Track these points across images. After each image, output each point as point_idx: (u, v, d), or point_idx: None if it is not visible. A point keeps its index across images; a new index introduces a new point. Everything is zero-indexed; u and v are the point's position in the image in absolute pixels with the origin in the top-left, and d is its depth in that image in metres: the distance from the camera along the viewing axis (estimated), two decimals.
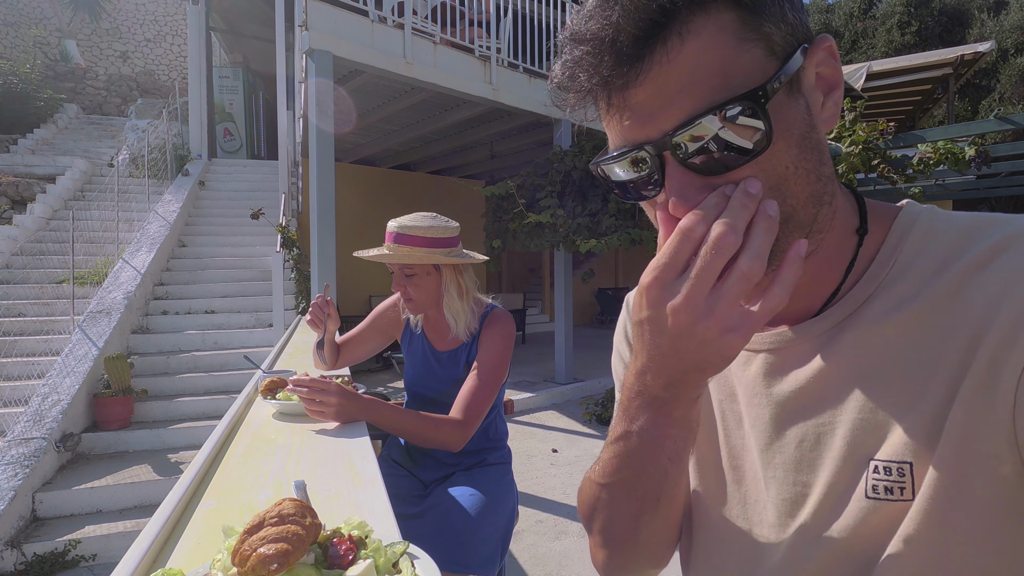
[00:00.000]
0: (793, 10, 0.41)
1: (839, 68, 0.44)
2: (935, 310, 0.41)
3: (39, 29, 14.45)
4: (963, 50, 8.22)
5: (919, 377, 0.41)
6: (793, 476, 0.47)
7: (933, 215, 0.46)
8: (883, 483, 0.41)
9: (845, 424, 0.44)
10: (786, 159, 0.41)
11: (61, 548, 2.90)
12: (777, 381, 0.49)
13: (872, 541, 0.42)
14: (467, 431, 1.32)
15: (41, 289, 5.61)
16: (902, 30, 16.44)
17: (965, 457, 0.38)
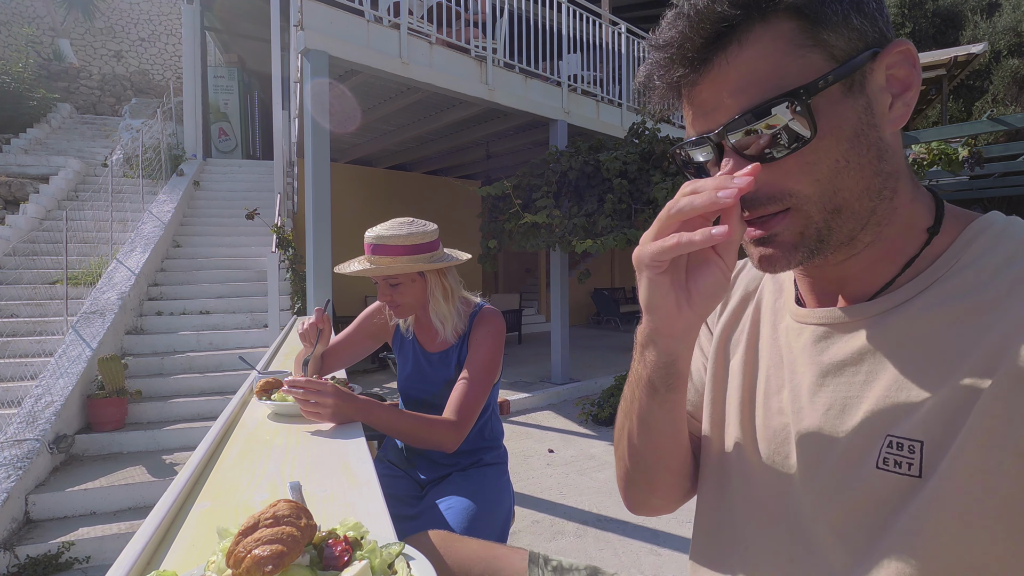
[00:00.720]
0: (861, 16, 0.44)
1: (915, 71, 0.46)
2: (981, 308, 0.43)
3: (32, 28, 14.36)
4: (956, 51, 8.28)
5: (948, 365, 0.43)
6: (817, 439, 0.50)
7: (1009, 222, 0.47)
8: (893, 457, 0.44)
9: (870, 399, 0.47)
10: (836, 153, 0.44)
11: (54, 550, 2.88)
12: (821, 352, 0.52)
13: (880, 511, 0.45)
14: (461, 432, 1.31)
15: (34, 290, 5.58)
16: (897, 31, 16.51)
17: (989, 452, 0.40)
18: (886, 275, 0.49)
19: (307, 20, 4.23)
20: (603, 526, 2.88)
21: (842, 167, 0.45)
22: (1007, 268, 0.43)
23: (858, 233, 0.48)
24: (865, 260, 0.50)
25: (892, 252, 0.49)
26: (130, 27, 16.18)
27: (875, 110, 0.45)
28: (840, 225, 0.46)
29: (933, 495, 0.42)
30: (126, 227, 6.71)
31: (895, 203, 0.48)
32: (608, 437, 4.48)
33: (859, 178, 0.45)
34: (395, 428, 1.28)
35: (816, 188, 0.45)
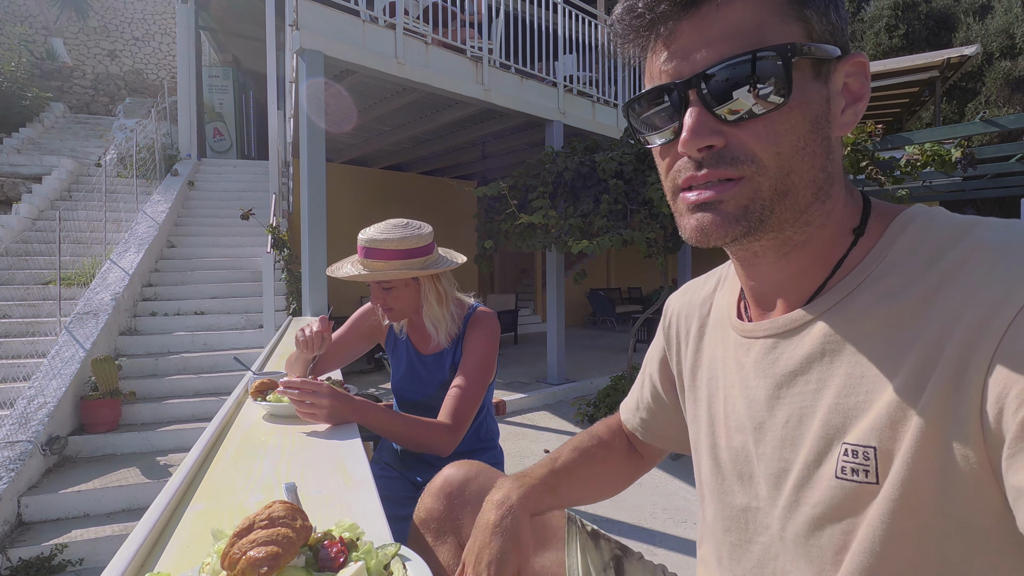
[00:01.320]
0: (837, 16, 0.46)
1: (867, 84, 0.47)
2: (915, 307, 0.43)
3: (24, 27, 14.26)
4: (949, 53, 8.34)
5: (890, 367, 0.43)
6: (779, 453, 0.51)
7: (932, 216, 0.47)
8: (851, 465, 0.44)
9: (824, 407, 0.47)
10: (800, 130, 0.44)
11: (47, 553, 2.86)
12: (771, 365, 0.52)
13: (846, 521, 0.45)
14: (456, 436, 1.31)
15: (27, 290, 5.54)
16: (890, 33, 16.62)
17: (936, 451, 0.40)
18: (818, 278, 0.50)
19: (303, 20, 4.22)
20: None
21: (801, 148, 0.45)
22: (934, 264, 0.43)
23: (787, 227, 0.47)
24: (797, 263, 0.50)
25: (824, 256, 0.50)
26: (124, 26, 16.10)
27: (831, 107, 0.46)
28: (782, 210, 0.46)
29: (890, 501, 0.42)
30: (120, 227, 6.67)
31: (828, 207, 0.48)
32: None
33: (810, 167, 0.45)
34: (390, 430, 1.27)
35: (776, 162, 0.44)
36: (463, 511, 0.85)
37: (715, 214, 0.46)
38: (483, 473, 0.89)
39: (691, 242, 0.49)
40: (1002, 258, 0.40)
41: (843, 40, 0.46)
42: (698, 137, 0.45)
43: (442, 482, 0.88)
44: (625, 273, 12.71)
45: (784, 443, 0.50)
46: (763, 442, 0.52)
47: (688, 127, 0.45)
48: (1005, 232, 0.42)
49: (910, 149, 4.58)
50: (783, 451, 0.50)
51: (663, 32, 0.46)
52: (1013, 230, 0.42)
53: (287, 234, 6.70)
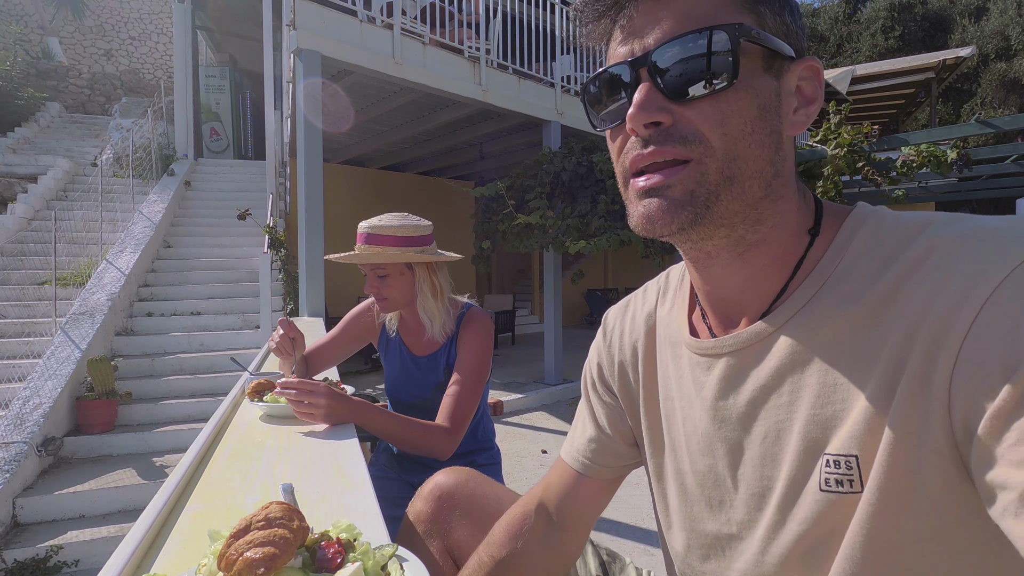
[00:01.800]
0: (792, 18, 0.47)
1: (820, 90, 0.47)
2: (876, 309, 0.43)
3: (20, 26, 14.20)
4: (945, 55, 8.37)
5: (861, 373, 0.43)
6: (760, 471, 0.49)
7: (881, 216, 0.47)
8: (834, 476, 0.44)
9: (800, 419, 0.46)
10: (747, 114, 0.44)
11: (43, 554, 2.85)
12: (739, 382, 0.51)
13: (831, 533, 0.44)
14: (455, 439, 1.31)
15: (22, 290, 5.51)
16: (886, 35, 16.69)
17: (910, 453, 0.39)
18: (778, 281, 0.49)
19: (300, 20, 4.21)
20: (597, 526, 2.88)
21: (748, 132, 0.44)
22: (890, 265, 0.43)
23: (738, 223, 0.46)
24: (753, 264, 0.50)
25: (781, 257, 0.49)
26: (120, 25, 16.05)
27: (782, 103, 0.46)
28: (728, 198, 0.45)
29: (870, 506, 0.41)
30: (116, 227, 6.65)
31: (780, 206, 0.48)
32: None
33: (758, 155, 0.45)
34: (388, 431, 1.27)
35: (723, 143, 0.44)
36: (451, 515, 0.85)
37: (662, 199, 0.45)
38: (473, 479, 0.90)
39: (638, 231, 0.48)
40: (957, 256, 0.40)
41: (798, 43, 0.47)
42: (645, 112, 0.44)
43: (432, 487, 0.89)
44: (623, 273, 12.72)
45: (764, 461, 0.49)
46: (741, 462, 0.51)
47: (636, 102, 0.45)
48: (957, 228, 0.42)
49: (906, 150, 4.60)
50: (764, 469, 0.49)
51: (621, 17, 0.47)
52: (964, 226, 0.42)
53: (284, 234, 6.68)
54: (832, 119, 4.81)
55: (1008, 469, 0.33)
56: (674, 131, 0.45)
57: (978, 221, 0.42)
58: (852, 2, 18.72)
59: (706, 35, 0.43)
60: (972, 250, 0.39)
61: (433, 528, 0.85)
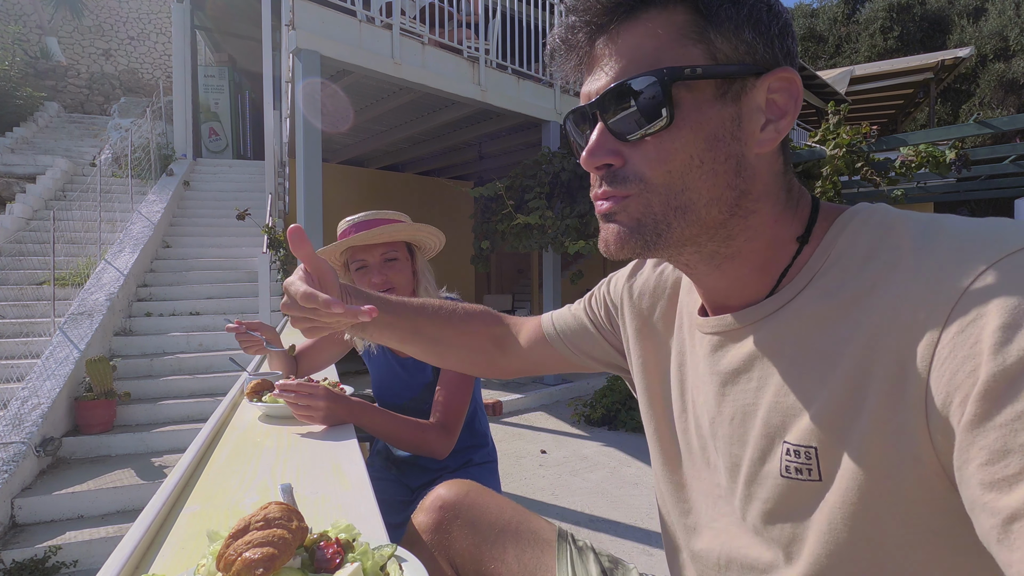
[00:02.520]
0: (755, 33, 0.46)
1: (793, 101, 0.47)
2: (851, 305, 0.43)
3: (18, 26, 14.18)
4: (944, 55, 8.39)
5: (824, 367, 0.44)
6: (729, 448, 0.52)
7: (869, 214, 0.48)
8: (794, 464, 0.45)
9: (764, 405, 0.48)
10: (691, 149, 0.46)
11: (41, 555, 2.84)
12: (718, 361, 0.53)
13: (794, 515, 0.46)
14: (451, 438, 1.31)
15: (21, 291, 5.51)
16: (885, 35, 16.71)
17: (884, 458, 0.40)
18: (764, 286, 0.51)
19: (299, 20, 4.21)
20: (596, 527, 2.88)
21: (695, 166, 0.46)
22: (869, 262, 0.44)
23: (704, 241, 0.49)
24: (733, 273, 0.51)
25: (762, 266, 0.50)
26: (119, 25, 16.04)
27: (743, 125, 0.46)
28: (682, 226, 0.47)
29: (837, 498, 0.42)
30: (115, 227, 6.64)
31: (751, 222, 0.49)
32: (601, 438, 4.49)
33: (711, 184, 0.46)
34: (386, 432, 1.27)
35: (666, 180, 0.46)
36: (453, 526, 0.86)
37: (615, 225, 0.49)
38: (474, 490, 0.90)
39: (603, 254, 0.51)
40: (928, 263, 0.40)
41: (768, 57, 0.46)
42: (594, 157, 0.48)
43: (434, 498, 0.89)
44: None
45: (732, 439, 0.51)
46: (717, 436, 0.54)
47: (588, 148, 0.49)
48: (932, 233, 0.42)
49: (905, 150, 4.61)
50: (732, 447, 0.51)
51: (584, 58, 0.50)
52: (940, 230, 0.41)
53: (283, 234, 6.67)
54: (831, 119, 4.82)
55: (983, 491, 0.32)
56: (620, 172, 0.48)
57: (954, 226, 0.41)
58: (851, 2, 18.75)
59: (639, 82, 0.45)
60: (943, 256, 0.39)
61: (435, 539, 0.86)
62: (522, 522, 0.86)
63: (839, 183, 4.79)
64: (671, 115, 0.45)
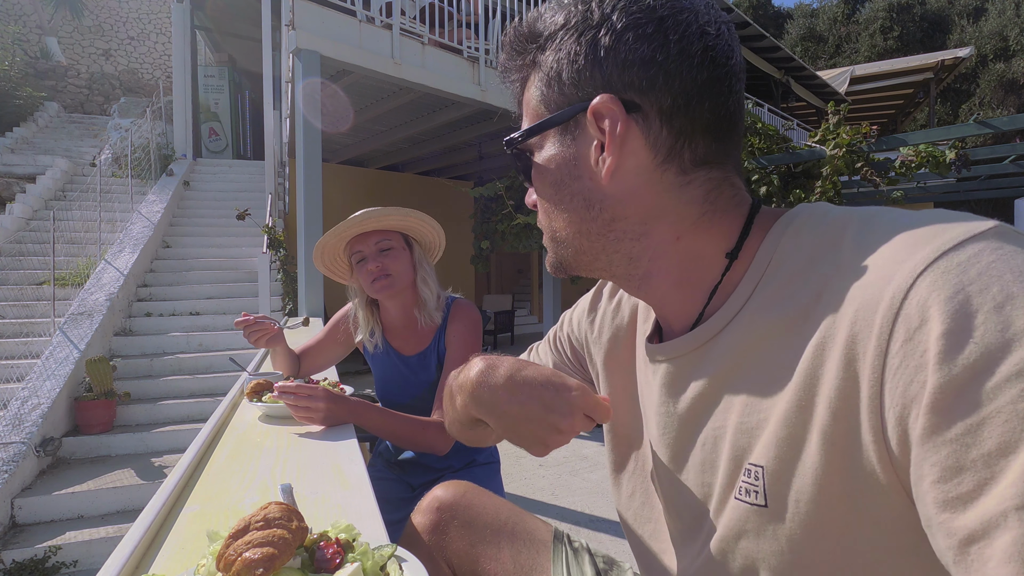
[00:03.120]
0: (571, 70, 0.47)
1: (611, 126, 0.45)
2: (800, 316, 0.41)
3: (19, 26, 14.19)
4: (944, 55, 8.40)
5: (779, 384, 0.42)
6: (701, 477, 0.50)
7: (807, 216, 0.46)
8: (746, 486, 0.43)
9: (731, 427, 0.46)
10: (545, 196, 0.52)
11: (41, 555, 2.85)
12: (678, 389, 0.51)
13: (746, 543, 0.44)
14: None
15: (21, 291, 5.51)
16: (884, 35, 16.72)
17: (841, 474, 0.38)
18: (697, 302, 0.49)
19: (299, 20, 4.21)
20: (595, 526, 2.88)
21: (552, 210, 0.52)
22: (811, 271, 0.42)
23: (605, 266, 0.52)
24: (657, 292, 0.52)
25: (683, 281, 0.50)
26: (119, 25, 16.04)
27: (581, 163, 0.48)
28: (570, 256, 0.53)
29: (789, 525, 0.40)
30: (115, 227, 6.64)
31: (648, 243, 0.49)
32: (601, 438, 4.48)
33: (568, 222, 0.51)
34: (387, 430, 1.27)
35: (545, 221, 0.53)
36: (450, 526, 0.86)
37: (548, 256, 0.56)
38: (471, 491, 0.90)
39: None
40: (867, 267, 0.38)
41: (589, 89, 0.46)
42: (528, 198, 0.56)
43: (431, 500, 0.89)
44: None
45: (704, 466, 0.49)
46: (685, 468, 0.51)
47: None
48: (870, 233, 0.40)
49: (905, 150, 4.61)
50: (704, 475, 0.49)
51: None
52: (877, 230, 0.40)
53: (283, 234, 6.68)
54: (831, 119, 4.82)
55: (938, 511, 0.31)
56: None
57: (890, 223, 0.39)
58: (851, 3, 18.75)
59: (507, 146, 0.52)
60: (881, 258, 0.37)
61: (433, 540, 0.86)
62: (518, 523, 0.85)
63: (839, 183, 4.79)
64: (527, 176, 0.53)
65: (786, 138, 5.89)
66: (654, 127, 0.45)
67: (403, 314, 1.49)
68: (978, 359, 0.30)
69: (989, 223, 0.36)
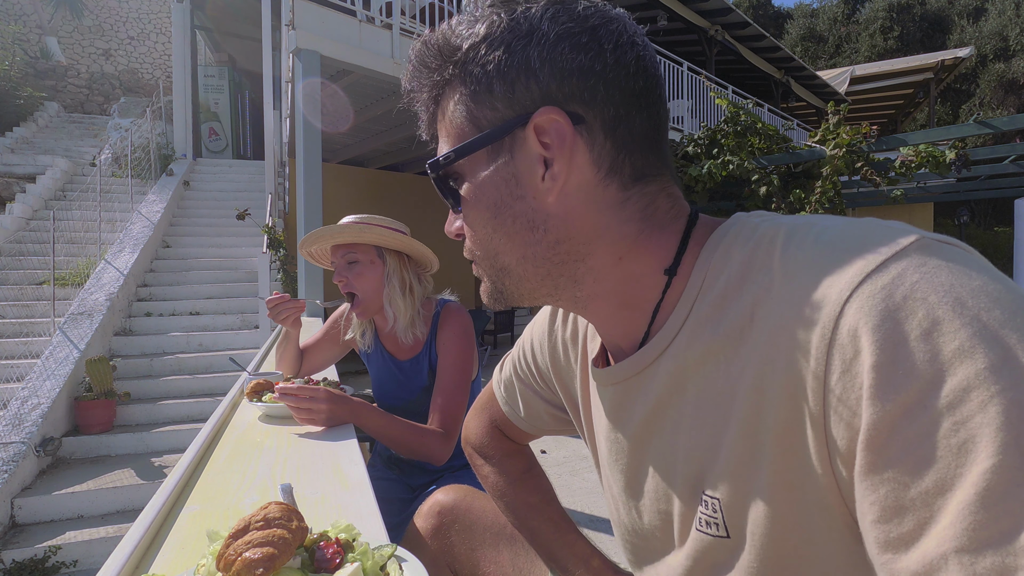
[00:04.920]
0: (504, 84, 0.43)
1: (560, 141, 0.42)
2: (736, 337, 0.40)
3: (18, 25, 14.18)
4: (944, 55, 8.40)
5: (723, 411, 0.40)
6: (656, 505, 0.48)
7: (740, 227, 0.44)
8: (706, 517, 0.42)
9: (681, 455, 0.44)
10: (483, 222, 0.46)
11: (41, 555, 2.85)
12: (623, 414, 0.50)
13: (719, 571, 0.43)
14: (450, 443, 1.30)
15: (21, 290, 5.51)
16: (885, 35, 16.72)
17: (791, 507, 0.37)
18: (641, 322, 0.47)
19: (299, 20, 4.21)
20: (595, 526, 2.88)
21: (491, 235, 0.46)
22: (744, 285, 0.40)
23: (550, 291, 0.48)
24: (602, 314, 0.49)
25: (627, 302, 0.47)
26: (119, 25, 16.04)
27: (522, 182, 0.44)
28: (512, 284, 0.48)
29: (750, 557, 0.39)
30: (115, 227, 6.64)
31: (590, 264, 0.46)
32: None
33: (511, 247, 0.46)
34: (386, 434, 1.27)
35: (481, 249, 0.48)
36: (451, 530, 0.86)
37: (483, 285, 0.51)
38: (470, 495, 0.90)
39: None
40: (800, 283, 0.36)
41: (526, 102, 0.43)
42: (450, 227, 0.50)
43: (432, 504, 0.90)
44: None
45: (657, 495, 0.48)
46: (641, 495, 0.50)
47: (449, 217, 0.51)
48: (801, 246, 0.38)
49: (905, 150, 4.61)
50: (658, 504, 0.48)
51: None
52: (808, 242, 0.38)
53: (283, 234, 6.68)
54: (831, 119, 4.82)
55: (880, 551, 0.30)
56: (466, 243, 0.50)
57: (818, 237, 0.38)
58: (851, 2, 18.76)
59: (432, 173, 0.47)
60: (807, 278, 0.36)
61: (435, 543, 0.86)
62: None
63: (839, 183, 4.80)
64: (455, 200, 0.47)
65: (786, 138, 5.90)
66: (598, 140, 0.43)
67: (388, 324, 1.47)
68: (908, 393, 0.29)
69: (911, 236, 0.34)
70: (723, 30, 9.57)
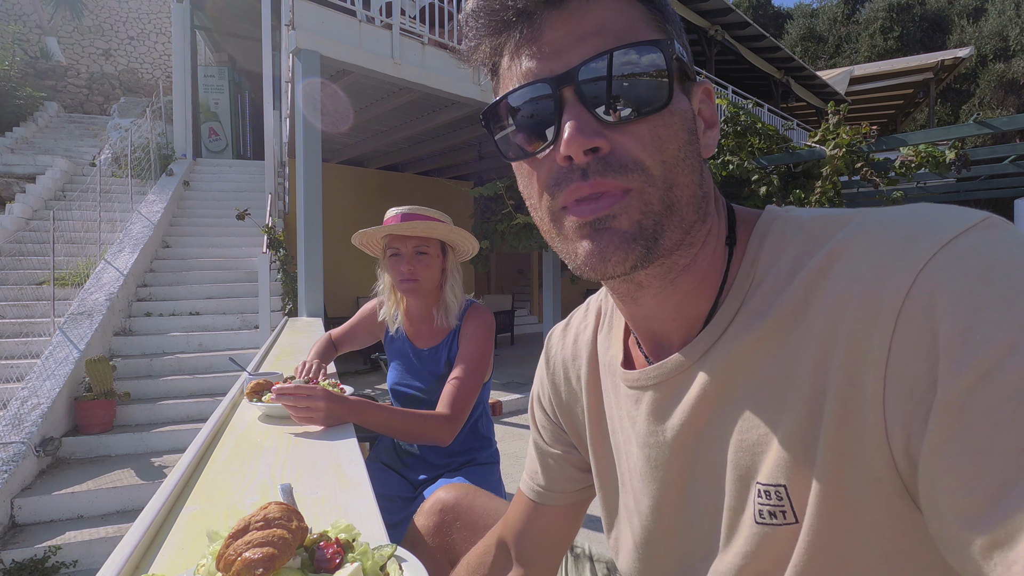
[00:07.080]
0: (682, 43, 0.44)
1: (716, 112, 0.45)
2: (786, 323, 0.40)
3: (18, 25, 14.18)
4: (944, 55, 8.40)
5: (779, 396, 0.40)
6: (705, 509, 0.47)
7: (785, 219, 0.44)
8: (767, 507, 0.41)
9: (732, 448, 0.43)
10: (679, 139, 0.40)
11: (40, 555, 2.85)
12: (664, 417, 0.48)
13: (771, 565, 0.41)
14: (455, 425, 1.32)
15: (20, 290, 5.51)
16: (884, 35, 16.73)
17: (845, 482, 0.37)
18: (706, 303, 0.46)
19: (299, 20, 4.21)
20: (595, 526, 2.88)
21: (682, 159, 0.41)
22: (797, 273, 0.40)
23: (675, 251, 0.43)
24: (683, 288, 0.45)
25: (705, 276, 0.46)
26: (119, 25, 16.04)
27: (695, 125, 0.43)
28: (671, 228, 0.41)
29: (811, 539, 0.38)
30: (114, 227, 6.64)
31: (708, 225, 0.45)
32: None
33: (689, 180, 0.41)
34: (388, 426, 1.27)
35: (662, 171, 0.40)
36: (452, 527, 0.86)
37: (608, 236, 0.40)
38: (472, 493, 0.90)
39: (583, 272, 0.42)
40: (860, 262, 0.36)
41: (693, 70, 0.45)
42: (583, 136, 0.38)
43: (434, 502, 0.89)
44: None
45: (703, 496, 0.47)
46: (684, 499, 0.48)
47: (571, 127, 0.39)
48: (858, 229, 0.38)
49: (904, 150, 4.61)
50: (704, 505, 0.47)
51: (526, 30, 0.41)
52: (864, 225, 0.38)
53: (283, 234, 6.68)
54: (831, 119, 4.82)
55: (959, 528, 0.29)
56: (613, 159, 0.39)
57: (878, 217, 0.38)
58: (851, 3, 18.76)
59: (639, 52, 0.38)
60: (874, 255, 0.36)
61: (436, 540, 0.86)
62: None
63: (839, 183, 4.80)
64: (669, 95, 0.39)
65: (786, 138, 5.90)
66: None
67: (423, 310, 1.56)
68: (984, 358, 0.29)
69: (980, 214, 0.35)
70: (723, 30, 9.57)
